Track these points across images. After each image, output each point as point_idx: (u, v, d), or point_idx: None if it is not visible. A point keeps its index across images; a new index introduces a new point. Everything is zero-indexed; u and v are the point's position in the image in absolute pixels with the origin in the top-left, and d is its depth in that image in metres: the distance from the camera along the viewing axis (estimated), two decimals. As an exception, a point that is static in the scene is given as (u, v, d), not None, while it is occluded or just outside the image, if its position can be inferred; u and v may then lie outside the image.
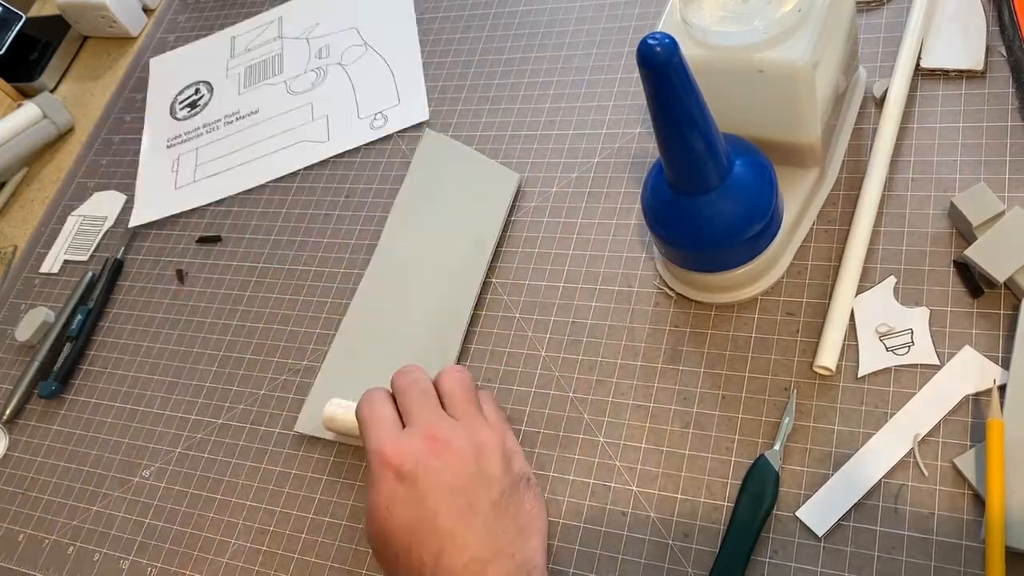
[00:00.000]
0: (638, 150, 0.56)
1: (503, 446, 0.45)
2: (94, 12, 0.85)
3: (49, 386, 0.62)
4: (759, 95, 0.42)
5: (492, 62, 0.66)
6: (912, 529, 0.39)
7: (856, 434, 0.42)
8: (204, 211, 0.69)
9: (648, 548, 0.43)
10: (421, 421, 0.44)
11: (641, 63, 0.35)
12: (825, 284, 0.47)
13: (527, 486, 0.44)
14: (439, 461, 0.42)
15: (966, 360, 0.42)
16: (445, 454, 0.43)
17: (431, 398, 0.46)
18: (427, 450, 0.43)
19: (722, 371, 0.46)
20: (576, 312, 0.52)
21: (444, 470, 0.42)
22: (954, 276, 0.44)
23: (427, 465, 0.42)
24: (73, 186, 0.77)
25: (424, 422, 0.44)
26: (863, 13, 0.54)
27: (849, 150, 0.50)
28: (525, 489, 0.44)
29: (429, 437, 0.43)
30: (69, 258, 0.71)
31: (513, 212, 0.57)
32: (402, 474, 0.42)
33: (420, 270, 0.56)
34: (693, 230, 0.43)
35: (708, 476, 0.44)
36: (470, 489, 0.42)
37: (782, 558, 0.41)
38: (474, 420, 0.45)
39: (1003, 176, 0.46)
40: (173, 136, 0.76)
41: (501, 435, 0.45)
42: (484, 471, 0.43)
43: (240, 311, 0.61)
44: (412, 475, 0.42)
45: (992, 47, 0.50)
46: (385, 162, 0.64)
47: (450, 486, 0.42)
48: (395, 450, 0.43)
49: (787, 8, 0.39)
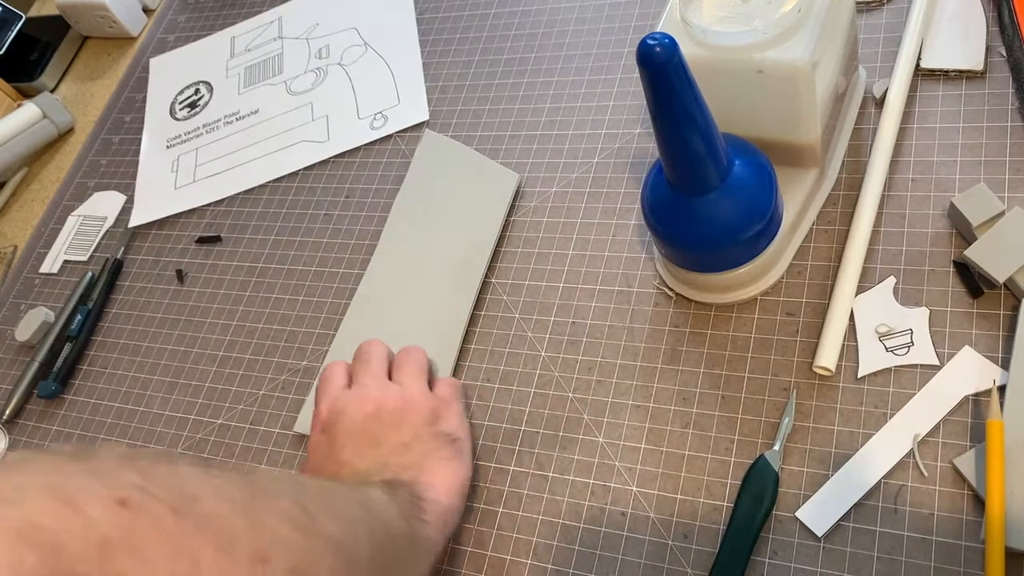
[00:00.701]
0: (638, 150, 0.56)
1: (432, 410, 0.46)
2: (94, 12, 0.85)
3: (49, 386, 0.62)
4: (759, 95, 0.42)
5: (492, 62, 0.66)
6: (912, 530, 0.39)
7: (856, 434, 0.42)
8: (204, 211, 0.69)
9: (648, 548, 0.43)
10: (361, 383, 0.47)
11: (641, 63, 0.35)
12: (825, 284, 0.47)
13: (449, 443, 0.45)
14: (359, 412, 0.45)
15: (966, 360, 0.42)
16: (366, 405, 0.45)
17: (378, 366, 0.48)
18: (355, 406, 0.45)
19: (722, 371, 0.46)
20: (576, 312, 0.52)
21: (359, 418, 0.45)
22: (954, 276, 0.44)
23: (348, 415, 0.45)
24: (73, 186, 0.77)
25: (363, 384, 0.47)
26: (863, 13, 0.54)
27: (849, 150, 0.50)
28: (445, 444, 0.45)
29: (360, 395, 0.46)
30: (69, 258, 0.71)
31: (513, 212, 0.57)
32: (327, 425, 0.45)
33: (420, 270, 0.56)
34: (693, 230, 0.43)
35: (708, 476, 0.44)
36: (380, 431, 0.44)
37: (782, 558, 0.40)
38: (411, 385, 0.47)
39: (1003, 176, 0.46)
40: (173, 136, 0.76)
41: (436, 403, 0.47)
42: (399, 420, 0.45)
43: (240, 311, 0.61)
44: (331, 424, 0.45)
45: (992, 47, 0.50)
46: (385, 162, 0.64)
47: (363, 430, 0.44)
48: (328, 407, 0.46)
49: (787, 8, 0.39)
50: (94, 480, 0.25)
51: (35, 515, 0.23)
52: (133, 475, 0.26)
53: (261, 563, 0.27)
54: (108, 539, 0.23)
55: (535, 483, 0.47)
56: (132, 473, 0.26)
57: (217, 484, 0.29)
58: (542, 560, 0.44)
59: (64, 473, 0.25)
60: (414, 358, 0.49)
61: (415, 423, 0.45)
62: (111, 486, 0.25)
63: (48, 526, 0.22)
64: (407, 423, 0.45)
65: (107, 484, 0.25)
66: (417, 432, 0.44)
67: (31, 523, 0.22)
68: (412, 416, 0.45)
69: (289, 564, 0.28)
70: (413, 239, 0.58)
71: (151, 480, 0.26)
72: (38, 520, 0.22)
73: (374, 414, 0.45)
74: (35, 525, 0.22)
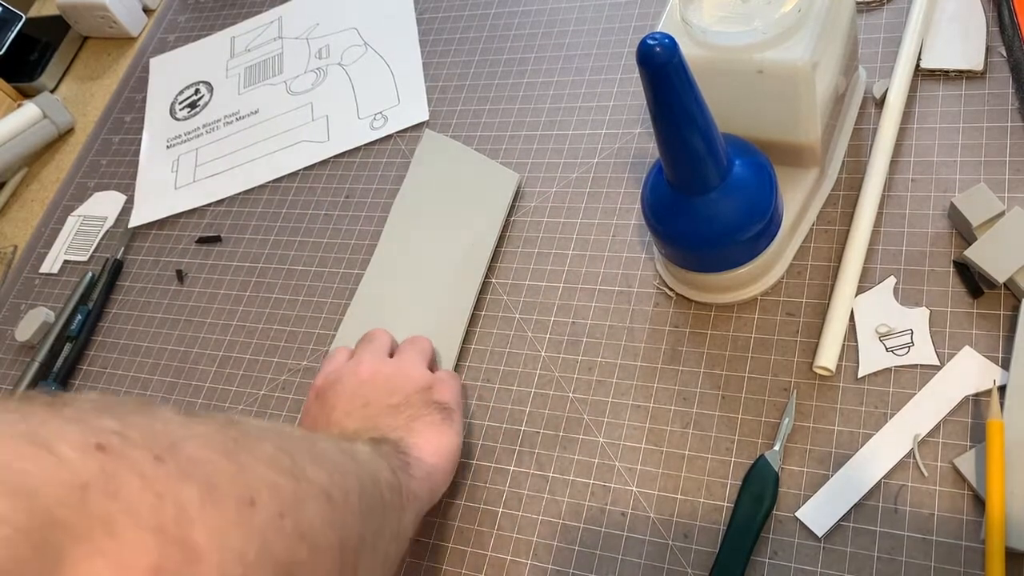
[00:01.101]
0: (638, 150, 0.56)
1: (426, 381, 0.46)
2: (94, 12, 0.85)
3: (49, 386, 0.62)
4: (759, 95, 0.42)
5: (492, 62, 0.66)
6: (912, 530, 0.39)
7: (856, 435, 0.42)
8: (204, 211, 0.69)
9: (648, 548, 0.43)
10: (358, 358, 0.48)
11: (641, 63, 0.35)
12: (825, 284, 0.47)
13: (440, 410, 0.45)
14: (353, 378, 0.46)
15: (966, 361, 0.42)
16: (361, 372, 0.46)
17: (379, 346, 0.49)
18: (349, 372, 0.47)
19: (722, 371, 0.46)
20: (576, 312, 0.52)
21: (353, 382, 0.45)
22: (954, 276, 0.44)
23: (342, 382, 0.46)
24: (73, 186, 0.77)
25: (360, 359, 0.48)
26: (863, 13, 0.54)
27: (849, 150, 0.50)
28: (436, 411, 0.45)
29: (355, 363, 0.47)
30: (69, 258, 0.71)
31: (513, 212, 0.57)
32: (320, 391, 0.46)
33: (420, 270, 0.56)
34: (693, 230, 0.43)
35: (708, 476, 0.44)
36: (370, 394, 0.45)
37: (782, 558, 0.40)
38: (406, 358, 0.48)
39: (1003, 176, 0.46)
40: (173, 136, 0.76)
41: (431, 378, 0.47)
42: (392, 385, 0.45)
43: (240, 311, 0.61)
44: (325, 390, 0.46)
45: (992, 47, 0.50)
46: (385, 162, 0.64)
47: (353, 392, 0.45)
48: (323, 376, 0.47)
49: (787, 8, 0.39)
50: (69, 424, 0.24)
51: (8, 459, 0.22)
52: (110, 421, 0.25)
53: (248, 506, 0.26)
54: (86, 483, 0.22)
55: (535, 483, 0.47)
56: (109, 419, 0.25)
57: (200, 431, 0.28)
58: (542, 560, 0.44)
59: (39, 419, 0.24)
60: (417, 343, 0.50)
61: (407, 390, 0.45)
62: (87, 431, 0.24)
63: (22, 470, 0.21)
64: (399, 389, 0.45)
65: (83, 429, 0.24)
66: (408, 398, 0.45)
67: (4, 467, 0.21)
68: (405, 383, 0.46)
69: (277, 508, 0.27)
70: (413, 239, 0.58)
71: (129, 426, 0.25)
72: (12, 464, 0.21)
73: (367, 379, 0.46)
74: (9, 468, 0.21)
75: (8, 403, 0.25)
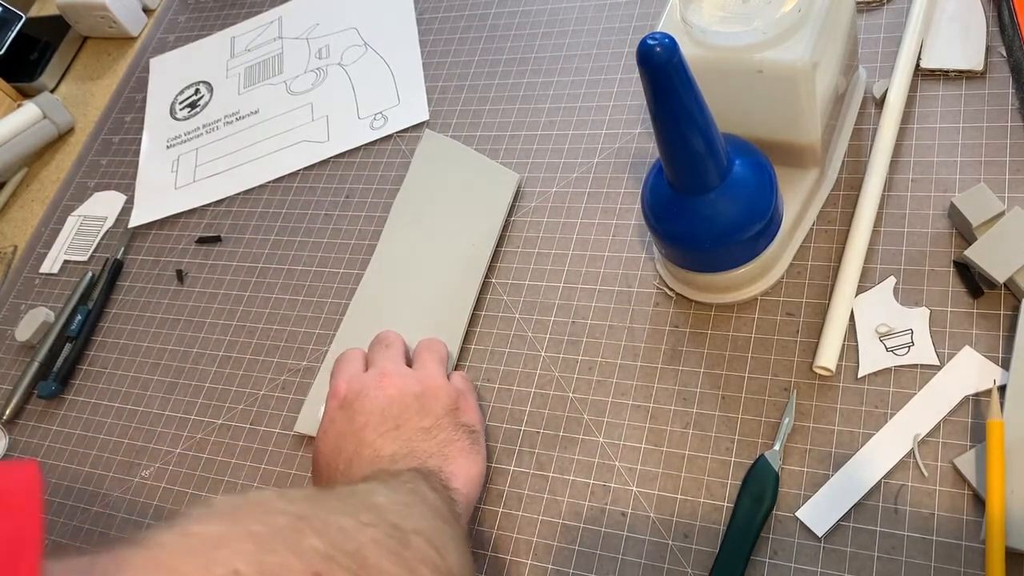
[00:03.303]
0: (638, 150, 0.56)
1: (453, 399, 0.46)
2: (94, 12, 0.85)
3: (49, 386, 0.62)
4: (759, 95, 0.42)
5: (492, 62, 0.66)
6: (912, 530, 0.39)
7: (856, 434, 0.42)
8: (204, 211, 0.69)
9: (648, 548, 0.43)
10: (379, 365, 0.47)
11: (641, 63, 0.35)
12: (825, 284, 0.47)
13: (468, 434, 0.45)
14: (379, 391, 0.45)
15: (966, 360, 0.42)
16: (387, 387, 0.45)
17: (396, 351, 0.49)
18: (373, 384, 0.45)
19: (722, 371, 0.46)
20: (576, 312, 0.52)
21: (381, 397, 0.45)
22: (954, 276, 0.44)
23: (367, 393, 0.45)
24: (73, 186, 0.77)
25: (381, 365, 0.47)
26: (863, 13, 0.54)
27: (849, 150, 0.50)
28: (465, 435, 0.45)
29: (379, 374, 0.46)
30: (69, 258, 0.71)
31: (513, 212, 0.57)
32: (345, 402, 0.45)
33: (420, 270, 0.56)
34: (693, 230, 0.43)
35: (708, 476, 0.44)
36: (402, 415, 0.44)
37: (782, 558, 0.40)
38: (431, 372, 0.47)
39: (1003, 176, 0.46)
40: (173, 136, 0.75)
41: (455, 392, 0.46)
42: (422, 405, 0.45)
43: (240, 311, 0.61)
44: (351, 402, 0.45)
45: (992, 47, 0.50)
46: (385, 162, 0.64)
47: (382, 409, 0.44)
48: (346, 383, 0.46)
49: (787, 8, 0.39)
50: (287, 553, 0.29)
51: None
52: (314, 539, 0.30)
53: None
54: None
55: (535, 483, 0.47)
56: (313, 537, 0.30)
57: (372, 535, 0.33)
58: (542, 560, 0.44)
59: (267, 546, 0.29)
60: (435, 348, 0.50)
61: (436, 411, 0.45)
62: (304, 560, 0.29)
63: None
64: (428, 409, 0.45)
65: (301, 558, 0.29)
66: (439, 420, 0.45)
67: None
68: (433, 403, 0.45)
69: None
70: (413, 239, 0.58)
71: (330, 543, 0.30)
72: None
73: (396, 397, 0.45)
74: None
75: (235, 528, 0.29)
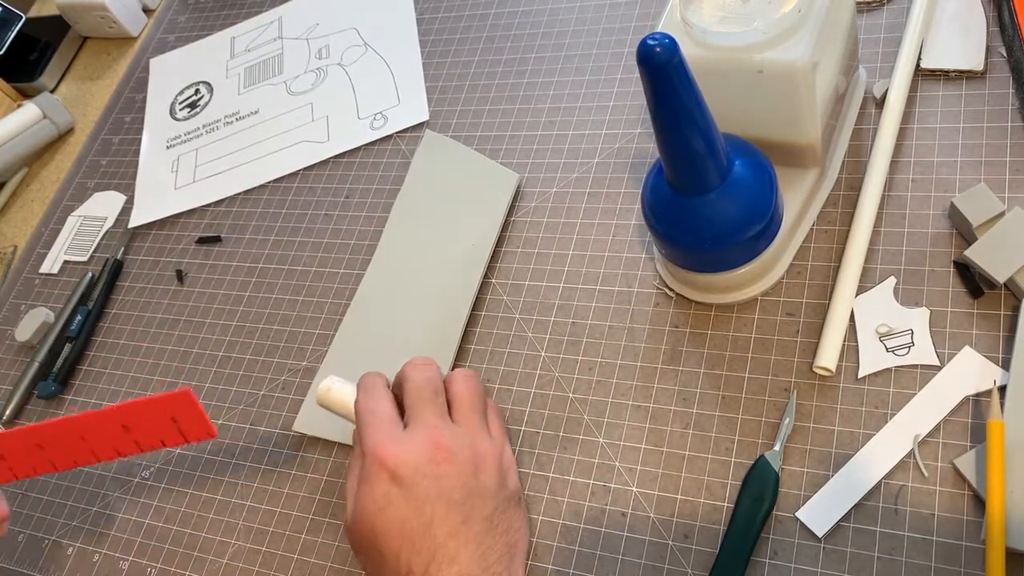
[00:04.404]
0: (638, 150, 0.56)
1: (501, 460, 0.44)
2: (94, 12, 0.85)
3: (48, 387, 0.62)
4: (759, 95, 0.42)
5: (492, 62, 0.66)
6: (912, 530, 0.39)
7: (856, 435, 0.42)
8: (204, 211, 0.69)
9: (648, 549, 0.43)
10: (425, 424, 0.43)
11: (641, 63, 0.35)
12: (825, 284, 0.47)
13: (517, 504, 0.44)
14: (439, 470, 0.41)
15: (966, 361, 0.42)
16: (446, 463, 0.41)
17: (440, 402, 0.45)
18: (428, 458, 0.41)
19: (722, 372, 0.46)
20: (576, 312, 0.52)
21: (444, 479, 0.41)
22: (954, 276, 0.44)
23: (426, 473, 0.41)
24: (73, 186, 0.77)
25: (428, 425, 0.43)
26: (863, 13, 0.54)
27: (849, 150, 0.50)
28: (515, 507, 0.44)
29: (431, 443, 0.42)
30: (69, 258, 0.71)
31: (513, 212, 0.57)
32: (399, 477, 0.41)
33: (420, 270, 0.56)
34: (693, 230, 0.43)
35: (708, 477, 0.44)
36: (467, 502, 0.41)
37: (782, 559, 0.40)
38: (478, 431, 0.44)
39: (1003, 176, 0.46)
40: (173, 136, 0.76)
41: (500, 448, 0.45)
42: (482, 485, 0.42)
43: (240, 311, 0.61)
44: (410, 481, 0.41)
45: (992, 47, 0.50)
46: (385, 162, 0.64)
47: (448, 498, 0.41)
48: (394, 452, 0.41)
49: (787, 8, 0.39)
50: None
51: None
52: None
53: None
54: None
55: (535, 483, 0.47)
56: None
57: None
58: (542, 560, 0.44)
59: None
60: (474, 390, 0.46)
61: (491, 487, 0.43)
62: None
63: None
64: (485, 489, 0.42)
65: None
66: (496, 502, 0.42)
67: None
68: (487, 478, 0.43)
69: None
70: (413, 239, 0.58)
71: None
72: None
73: (456, 477, 0.42)
74: None
75: None
